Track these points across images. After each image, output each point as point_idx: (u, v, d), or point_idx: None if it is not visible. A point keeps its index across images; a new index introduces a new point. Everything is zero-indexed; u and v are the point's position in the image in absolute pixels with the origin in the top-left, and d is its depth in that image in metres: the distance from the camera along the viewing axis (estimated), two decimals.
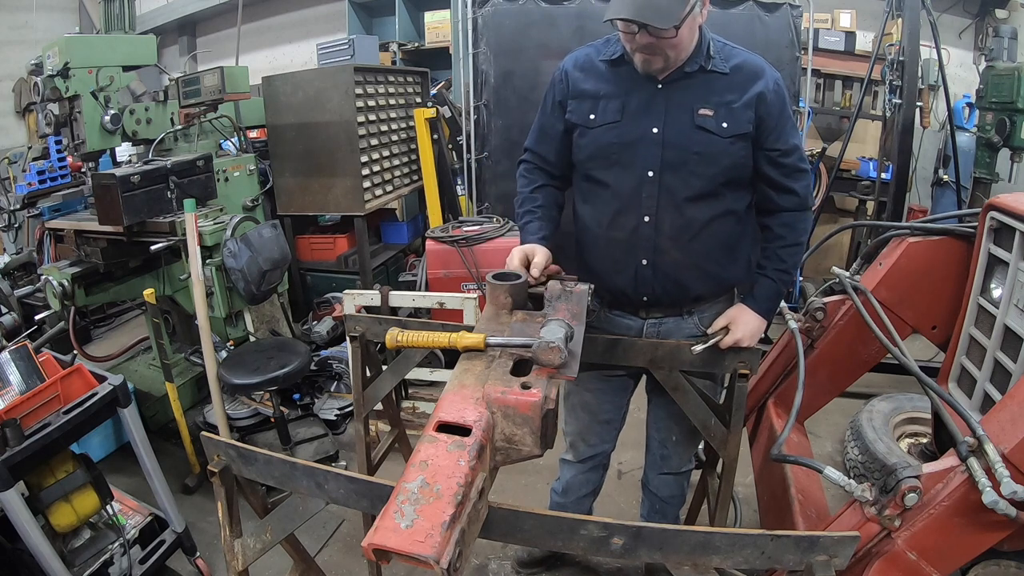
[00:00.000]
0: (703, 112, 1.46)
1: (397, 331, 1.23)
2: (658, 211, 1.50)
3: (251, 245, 2.47)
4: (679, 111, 1.47)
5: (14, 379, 1.85)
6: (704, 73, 1.48)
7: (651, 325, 1.66)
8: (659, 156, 1.48)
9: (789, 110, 1.53)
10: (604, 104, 1.52)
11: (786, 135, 1.51)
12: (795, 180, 1.53)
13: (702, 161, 1.47)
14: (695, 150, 1.47)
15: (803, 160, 1.55)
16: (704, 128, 1.46)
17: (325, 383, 3.31)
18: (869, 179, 4.28)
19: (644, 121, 1.48)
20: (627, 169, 1.51)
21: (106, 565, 1.91)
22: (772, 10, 3.48)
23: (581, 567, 2.22)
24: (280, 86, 3.68)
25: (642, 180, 1.49)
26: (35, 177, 3.79)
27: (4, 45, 5.61)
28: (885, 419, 2.55)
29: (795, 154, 1.52)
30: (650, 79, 1.49)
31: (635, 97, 1.49)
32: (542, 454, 1.02)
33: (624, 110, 1.50)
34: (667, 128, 1.47)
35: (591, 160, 1.56)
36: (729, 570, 1.12)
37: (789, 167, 1.52)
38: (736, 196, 1.55)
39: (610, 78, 1.53)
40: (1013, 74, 3.50)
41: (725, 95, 1.47)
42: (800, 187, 1.54)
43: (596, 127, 1.52)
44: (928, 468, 1.17)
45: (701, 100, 1.47)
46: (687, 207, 1.50)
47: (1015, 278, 1.49)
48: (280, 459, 1.21)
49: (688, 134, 1.47)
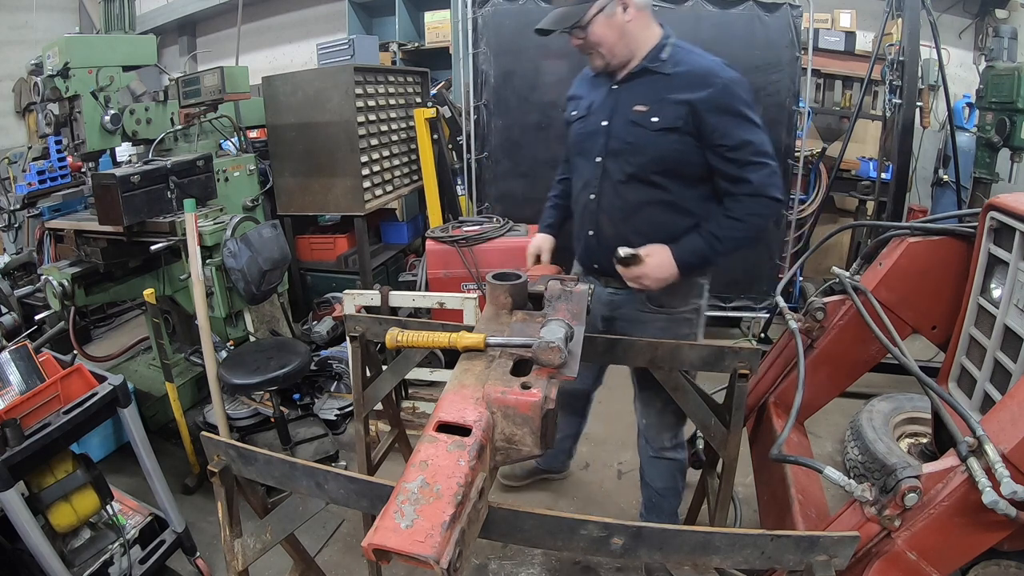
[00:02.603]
0: (638, 108, 1.69)
1: (397, 331, 1.23)
2: (601, 190, 1.79)
3: (251, 245, 2.47)
4: (623, 107, 1.73)
5: (14, 379, 1.85)
6: (648, 74, 1.70)
7: (609, 293, 1.91)
8: (604, 145, 1.76)
9: (740, 109, 1.64)
10: (581, 104, 1.86)
11: (731, 132, 1.63)
12: (749, 171, 1.64)
13: (633, 150, 1.71)
14: (628, 140, 1.71)
15: (758, 154, 1.64)
16: (636, 122, 1.69)
17: (325, 383, 3.31)
18: (869, 179, 4.28)
19: (599, 116, 1.78)
20: (587, 155, 1.83)
21: (106, 565, 1.91)
22: (772, 10, 3.48)
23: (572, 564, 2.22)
24: (280, 86, 3.68)
25: (593, 164, 1.80)
26: (35, 177, 3.79)
27: (4, 45, 5.61)
28: (885, 419, 2.55)
29: (746, 148, 1.64)
30: (609, 81, 1.78)
31: (598, 97, 1.80)
32: (542, 454, 1.02)
33: (589, 108, 1.82)
34: (612, 122, 1.75)
35: (571, 148, 1.93)
36: (729, 570, 1.12)
37: (740, 160, 1.64)
38: (681, 189, 1.72)
39: (589, 84, 1.87)
40: (1013, 74, 3.50)
41: (662, 94, 1.66)
42: (754, 177, 1.64)
43: (573, 122, 1.88)
44: (928, 468, 1.17)
45: (640, 98, 1.70)
46: (621, 189, 1.76)
47: (1015, 278, 1.49)
48: (280, 459, 1.21)
49: (625, 127, 1.72)
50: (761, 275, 3.86)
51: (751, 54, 3.49)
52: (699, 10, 3.47)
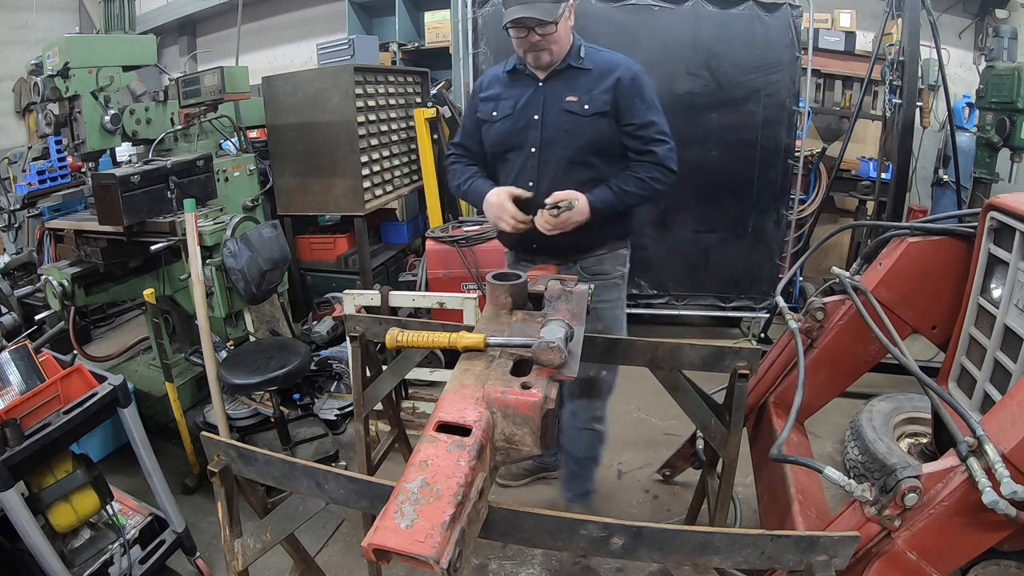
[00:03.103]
0: (569, 99, 1.91)
1: (397, 331, 1.23)
2: (539, 177, 1.95)
3: (251, 245, 2.47)
4: (553, 101, 1.92)
5: (14, 379, 1.85)
6: (572, 70, 1.93)
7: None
8: (539, 136, 1.93)
9: (647, 95, 1.92)
10: (503, 103, 1.99)
11: (640, 113, 1.90)
12: (653, 146, 1.92)
13: (569, 136, 1.91)
14: (564, 128, 1.91)
15: (661, 133, 1.93)
16: (570, 111, 1.90)
17: (325, 383, 3.30)
18: (869, 179, 4.28)
19: (529, 111, 1.94)
20: (519, 148, 1.97)
21: (106, 565, 1.91)
22: (772, 10, 3.48)
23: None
24: (280, 86, 3.68)
25: (528, 155, 1.96)
26: (35, 177, 3.79)
27: (4, 45, 5.60)
28: (885, 419, 2.55)
29: (651, 128, 1.91)
30: (533, 80, 1.95)
31: (523, 94, 1.96)
32: (542, 454, 1.02)
33: (515, 106, 1.96)
34: (544, 115, 1.93)
35: (496, 145, 2.03)
36: (729, 570, 1.12)
37: (645, 138, 1.91)
38: (607, 167, 1.95)
39: (506, 84, 2.01)
40: (1013, 74, 3.50)
41: (587, 85, 1.91)
42: (658, 150, 1.92)
43: (497, 120, 1.99)
44: (928, 468, 1.17)
45: (569, 91, 1.91)
46: (560, 173, 1.93)
47: (1015, 278, 1.49)
48: (280, 459, 1.21)
49: (559, 117, 1.91)
50: (761, 275, 3.86)
51: (751, 54, 3.49)
52: (699, 10, 3.47)
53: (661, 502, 2.56)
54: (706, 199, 3.72)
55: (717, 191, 3.69)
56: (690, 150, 3.62)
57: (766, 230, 3.77)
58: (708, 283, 3.89)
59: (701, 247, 3.84)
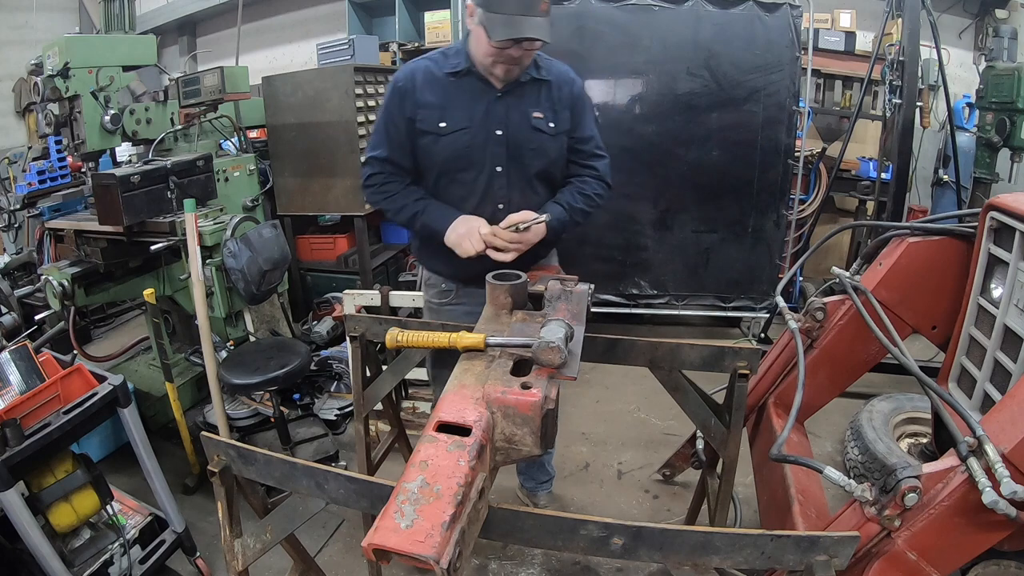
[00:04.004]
0: (536, 115, 1.76)
1: (397, 331, 1.23)
2: (509, 198, 1.79)
3: (251, 245, 2.47)
4: (517, 115, 1.75)
5: (14, 379, 1.85)
6: (535, 82, 1.77)
7: None
8: (504, 154, 1.76)
9: (590, 107, 1.90)
10: (452, 113, 1.73)
11: (588, 126, 1.86)
12: (595, 161, 1.88)
13: (536, 155, 1.78)
14: (531, 146, 1.77)
15: (600, 148, 1.90)
16: (538, 128, 1.77)
17: (325, 383, 3.30)
18: (869, 179, 4.28)
19: (489, 126, 1.74)
20: (477, 167, 1.76)
21: (106, 565, 1.91)
22: (772, 10, 3.48)
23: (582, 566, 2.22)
24: (280, 86, 3.68)
25: (492, 175, 1.77)
26: (35, 177, 3.80)
27: (4, 45, 5.60)
28: (885, 419, 2.55)
29: (592, 142, 1.88)
30: (490, 88, 1.74)
31: (480, 104, 1.73)
32: (542, 454, 1.02)
33: (472, 117, 1.73)
34: (509, 130, 1.75)
35: (448, 163, 1.77)
36: (729, 570, 1.12)
37: (588, 152, 1.87)
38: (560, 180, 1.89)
39: (454, 89, 1.74)
40: (1013, 74, 3.50)
41: (549, 100, 1.78)
42: (599, 165, 1.89)
43: (448, 133, 1.73)
44: (928, 468, 1.17)
45: (534, 104, 1.77)
46: (529, 192, 1.81)
47: (1015, 278, 1.49)
48: (280, 459, 1.21)
49: (526, 134, 1.76)
50: (761, 275, 3.86)
51: (751, 54, 3.49)
52: (699, 10, 3.47)
53: (661, 502, 2.56)
54: (706, 199, 3.72)
55: (717, 191, 3.69)
56: (690, 150, 3.63)
57: (766, 230, 3.77)
58: (708, 283, 3.89)
59: (701, 247, 3.83)
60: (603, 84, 3.65)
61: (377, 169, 1.81)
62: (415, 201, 1.79)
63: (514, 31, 1.55)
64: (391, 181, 1.81)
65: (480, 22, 1.59)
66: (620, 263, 3.85)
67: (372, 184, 1.83)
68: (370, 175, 1.83)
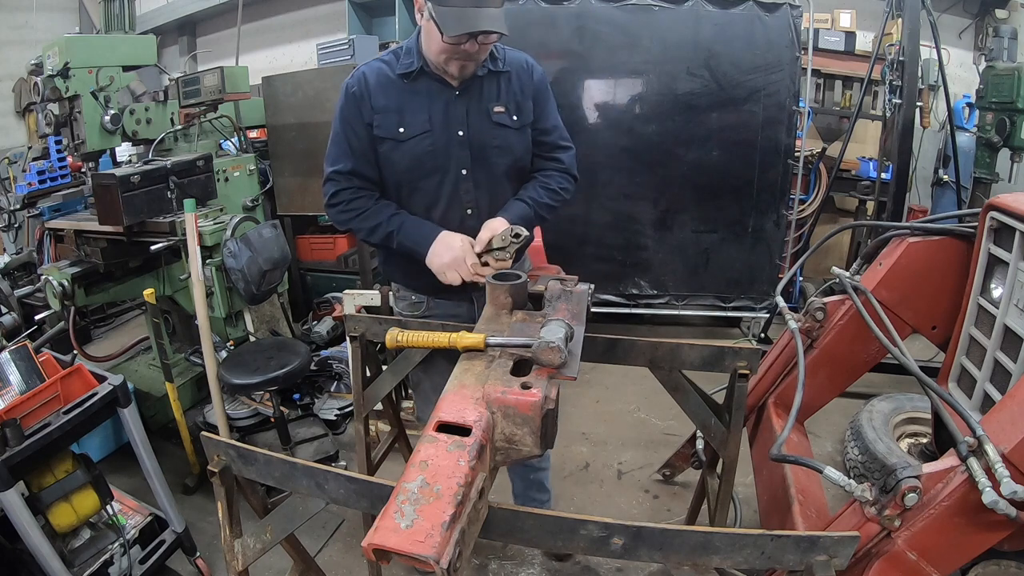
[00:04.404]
0: (497, 110, 1.65)
1: (397, 331, 1.23)
2: (477, 202, 1.68)
3: (251, 245, 2.47)
4: (477, 112, 1.64)
5: (14, 379, 1.85)
6: (493, 74, 1.66)
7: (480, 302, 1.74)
8: (468, 156, 1.64)
9: (551, 95, 1.77)
10: (411, 117, 1.61)
11: (551, 116, 1.75)
12: (559, 152, 1.78)
13: (501, 152, 1.67)
14: (495, 144, 1.66)
15: (564, 138, 1.79)
16: (500, 124, 1.65)
17: (325, 383, 3.30)
18: (869, 179, 4.28)
19: (450, 127, 1.62)
20: (440, 172, 1.64)
21: (106, 565, 1.91)
22: (772, 10, 3.48)
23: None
24: (280, 86, 3.68)
25: (458, 179, 1.65)
26: (35, 177, 3.80)
27: (4, 45, 5.60)
28: (885, 419, 2.55)
29: (556, 132, 1.77)
30: (446, 87, 1.62)
31: (438, 105, 1.62)
32: (542, 454, 1.02)
33: (431, 120, 1.61)
34: (470, 129, 1.63)
35: (410, 171, 1.64)
36: (729, 570, 1.12)
37: (551, 144, 1.77)
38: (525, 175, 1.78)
39: (409, 91, 1.62)
40: (1013, 74, 3.50)
41: (509, 91, 1.67)
42: (564, 157, 1.78)
43: (408, 139, 1.62)
44: (928, 468, 1.17)
45: (494, 99, 1.65)
46: (497, 192, 1.70)
47: (1015, 278, 1.49)
48: (280, 459, 1.21)
49: (488, 131, 1.65)
50: (761, 275, 3.86)
51: (751, 54, 3.50)
52: (699, 10, 3.48)
53: (661, 502, 2.56)
54: (706, 199, 3.72)
55: (717, 191, 3.69)
56: (690, 150, 3.63)
57: (766, 230, 3.77)
58: (708, 283, 3.89)
59: (701, 247, 3.84)
60: (603, 84, 3.65)
61: (343, 185, 1.65)
62: (389, 218, 1.64)
63: (468, 24, 1.44)
64: (359, 197, 1.65)
65: (430, 17, 1.48)
66: (620, 263, 3.85)
67: (338, 202, 1.66)
68: (334, 192, 1.65)
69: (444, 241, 1.59)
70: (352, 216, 1.66)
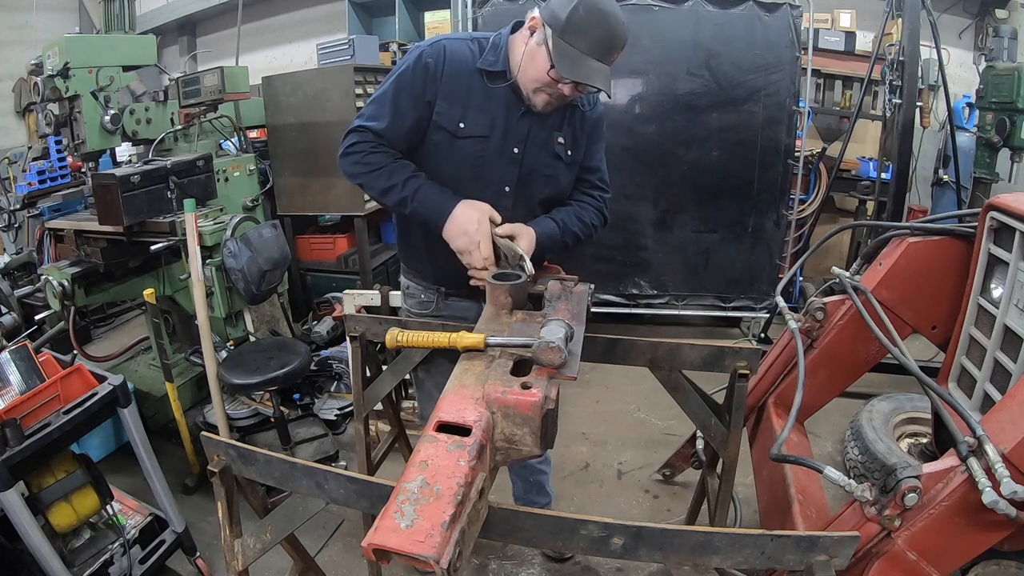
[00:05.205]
0: (560, 140, 1.61)
1: (397, 331, 1.23)
2: (510, 221, 1.54)
3: (251, 245, 2.47)
4: (539, 136, 1.58)
5: (14, 379, 1.85)
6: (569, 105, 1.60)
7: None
8: (515, 174, 1.59)
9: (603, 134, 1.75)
10: (474, 115, 1.53)
11: (599, 156, 1.74)
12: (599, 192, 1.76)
13: (548, 182, 1.65)
14: (546, 172, 1.62)
15: (604, 181, 1.78)
16: (557, 155, 1.62)
17: (325, 383, 3.30)
18: (869, 179, 4.28)
19: (509, 141, 1.56)
20: (484, 181, 1.58)
21: (106, 565, 1.91)
22: (772, 10, 3.48)
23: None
24: (280, 86, 3.68)
25: (499, 193, 1.59)
26: (35, 177, 3.79)
27: (4, 45, 5.60)
28: (885, 419, 2.55)
29: (597, 174, 1.76)
30: (518, 100, 1.54)
31: (503, 115, 1.55)
32: (542, 454, 1.02)
33: (493, 126, 1.54)
34: (527, 150, 1.58)
35: (460, 168, 1.56)
36: (729, 570, 1.12)
37: (592, 183, 1.75)
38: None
39: (482, 88, 1.53)
40: (1013, 74, 3.50)
41: (574, 123, 1.63)
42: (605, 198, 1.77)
43: (464, 137, 1.54)
44: (928, 468, 1.17)
45: (558, 127, 1.61)
46: (530, 217, 1.62)
47: (1015, 278, 1.49)
48: (280, 459, 1.21)
49: (543, 157, 1.60)
50: (761, 275, 3.86)
51: (751, 54, 3.50)
52: (699, 10, 3.48)
53: (661, 502, 2.56)
54: (706, 199, 3.72)
55: (717, 191, 3.70)
56: (690, 150, 3.63)
57: (766, 230, 3.77)
58: (708, 283, 3.89)
59: (701, 247, 3.84)
60: None
61: (366, 138, 1.52)
62: (406, 180, 1.50)
63: (582, 74, 1.37)
64: (378, 151, 1.52)
65: (545, 44, 1.39)
66: (620, 263, 3.85)
67: (354, 152, 1.53)
68: (354, 143, 1.53)
69: (459, 222, 1.47)
70: (367, 170, 1.54)
